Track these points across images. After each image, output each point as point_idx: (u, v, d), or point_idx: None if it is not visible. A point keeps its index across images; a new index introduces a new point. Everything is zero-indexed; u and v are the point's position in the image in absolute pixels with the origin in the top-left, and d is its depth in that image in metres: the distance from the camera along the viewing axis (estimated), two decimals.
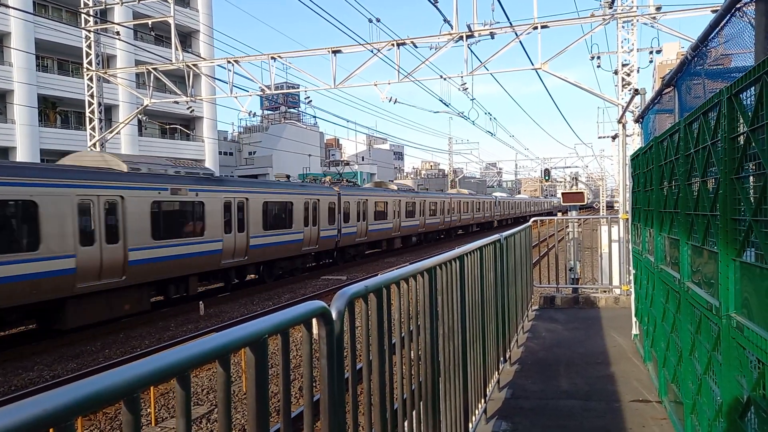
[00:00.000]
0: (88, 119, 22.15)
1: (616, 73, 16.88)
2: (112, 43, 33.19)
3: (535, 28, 17.08)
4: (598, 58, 21.10)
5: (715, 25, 3.44)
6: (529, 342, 7.47)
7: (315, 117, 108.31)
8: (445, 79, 19.26)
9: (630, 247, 8.32)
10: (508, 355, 6.31)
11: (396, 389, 2.58)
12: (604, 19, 16.45)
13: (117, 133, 24.95)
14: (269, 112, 76.27)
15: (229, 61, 19.85)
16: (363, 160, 75.49)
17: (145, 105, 22.23)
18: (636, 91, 8.48)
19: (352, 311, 2.06)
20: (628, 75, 16.44)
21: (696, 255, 3.54)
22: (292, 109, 72.14)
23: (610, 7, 16.38)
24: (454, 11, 17.47)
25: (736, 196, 2.57)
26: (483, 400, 4.66)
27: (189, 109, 24.64)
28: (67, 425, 0.93)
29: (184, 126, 44.15)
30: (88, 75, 21.92)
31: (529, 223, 8.92)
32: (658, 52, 19.50)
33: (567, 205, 16.14)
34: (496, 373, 5.48)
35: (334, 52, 18.79)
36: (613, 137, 22.02)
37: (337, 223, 24.57)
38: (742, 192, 2.50)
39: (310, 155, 61.11)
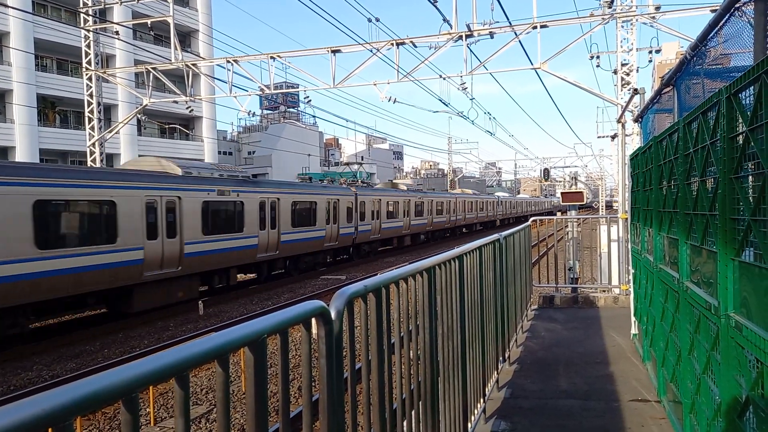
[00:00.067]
0: (87, 119, 22.14)
1: (615, 72, 16.86)
2: (111, 43, 33.18)
3: (535, 28, 17.10)
4: (598, 57, 21.08)
5: (714, 24, 3.44)
6: (529, 342, 7.47)
7: (314, 117, 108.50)
8: (444, 78, 19.27)
9: (629, 246, 8.33)
10: (507, 355, 6.31)
11: (395, 389, 2.57)
12: (603, 18, 16.45)
13: (116, 132, 24.92)
14: (268, 112, 76.21)
15: (228, 61, 19.84)
16: (362, 159, 75.44)
17: (144, 104, 22.20)
18: (635, 91, 8.48)
19: (351, 311, 2.05)
20: (628, 74, 16.44)
21: (695, 254, 3.55)
22: (292, 109, 72.06)
23: (610, 7, 16.38)
24: (454, 11, 17.48)
25: (735, 196, 2.58)
26: (482, 400, 4.66)
27: (188, 108, 24.66)
28: (66, 425, 0.92)
29: (184, 126, 44.12)
30: (87, 74, 21.90)
31: (528, 223, 8.92)
32: (658, 51, 19.48)
33: (566, 204, 16.15)
34: (495, 372, 5.48)
35: (334, 52, 18.79)
36: (613, 137, 22.03)
37: (354, 221, 26.30)
38: (741, 191, 2.50)
39: (310, 155, 61.15)
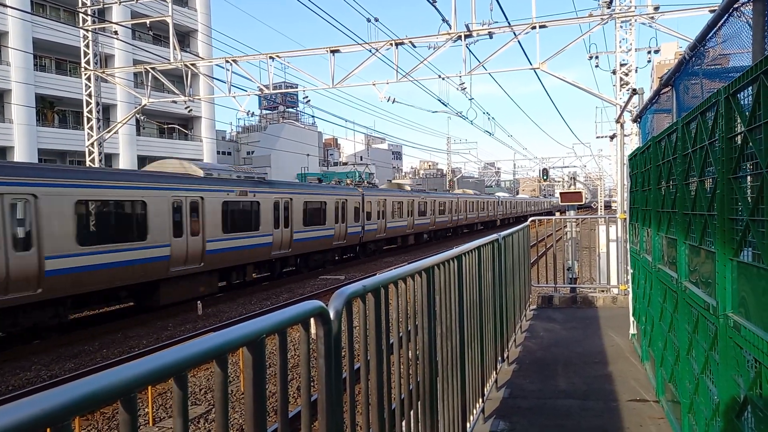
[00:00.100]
0: (86, 119, 22.11)
1: (614, 72, 16.86)
2: (110, 43, 33.17)
3: (534, 28, 17.08)
4: (597, 57, 21.10)
5: (712, 24, 3.44)
6: (527, 341, 7.48)
7: (313, 117, 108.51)
8: (443, 78, 19.26)
9: (628, 246, 8.33)
10: (506, 355, 6.31)
11: (394, 389, 2.57)
12: (602, 18, 16.45)
13: (115, 132, 24.90)
14: (267, 112, 76.17)
15: (227, 61, 19.82)
16: (361, 159, 75.44)
17: (143, 104, 22.17)
18: (634, 91, 8.49)
19: (350, 311, 2.05)
20: (627, 75, 16.44)
21: (693, 254, 3.55)
22: (291, 109, 72.03)
23: (609, 7, 16.38)
24: (453, 11, 17.47)
25: (733, 196, 2.58)
26: (481, 400, 4.66)
27: (187, 108, 24.62)
28: (65, 425, 0.92)
29: (182, 126, 44.06)
30: (86, 74, 21.87)
31: (527, 223, 8.92)
32: (656, 51, 19.50)
33: (565, 204, 16.16)
34: (494, 372, 5.48)
35: (333, 52, 18.78)
36: (611, 137, 22.07)
37: (361, 220, 27.26)
38: (739, 192, 2.50)
39: (309, 155, 61.12)
